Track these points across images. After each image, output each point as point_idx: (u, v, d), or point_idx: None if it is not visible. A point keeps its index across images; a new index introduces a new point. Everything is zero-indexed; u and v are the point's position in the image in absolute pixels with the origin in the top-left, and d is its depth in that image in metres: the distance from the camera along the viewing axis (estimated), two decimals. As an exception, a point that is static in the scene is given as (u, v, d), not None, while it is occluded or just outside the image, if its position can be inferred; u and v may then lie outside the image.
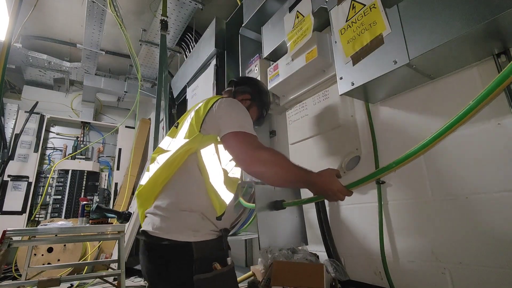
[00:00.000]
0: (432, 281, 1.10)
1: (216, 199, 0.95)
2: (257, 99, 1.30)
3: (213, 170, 0.98)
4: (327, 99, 1.48)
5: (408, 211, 1.21)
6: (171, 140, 1.08)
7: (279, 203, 1.49)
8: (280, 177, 0.95)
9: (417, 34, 0.98)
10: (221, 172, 1.00)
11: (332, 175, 0.99)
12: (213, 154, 0.99)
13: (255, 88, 1.32)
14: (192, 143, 0.97)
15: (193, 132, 0.98)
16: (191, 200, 0.93)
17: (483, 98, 0.65)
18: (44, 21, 3.15)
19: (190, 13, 2.78)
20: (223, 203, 0.96)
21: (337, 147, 1.37)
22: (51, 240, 2.11)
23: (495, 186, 0.98)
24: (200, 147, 0.97)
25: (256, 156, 0.94)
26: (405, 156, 0.84)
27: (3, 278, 2.74)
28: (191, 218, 0.90)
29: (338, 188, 0.96)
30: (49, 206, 3.55)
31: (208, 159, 0.98)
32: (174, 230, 0.88)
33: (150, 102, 4.25)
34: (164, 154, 1.02)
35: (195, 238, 0.87)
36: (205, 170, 0.96)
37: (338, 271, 1.26)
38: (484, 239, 0.99)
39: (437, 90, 1.16)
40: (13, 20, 1.75)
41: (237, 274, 1.62)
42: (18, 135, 3.46)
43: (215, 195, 0.95)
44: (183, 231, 0.88)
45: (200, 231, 0.89)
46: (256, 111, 1.31)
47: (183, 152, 0.96)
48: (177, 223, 0.89)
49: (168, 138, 1.11)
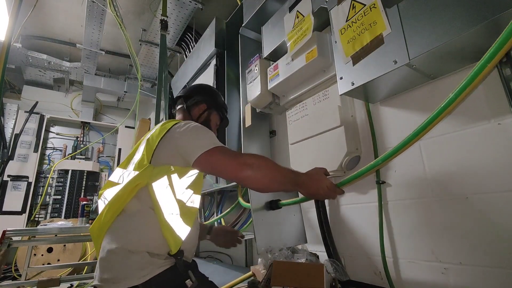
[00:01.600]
0: (432, 281, 1.10)
1: (171, 236, 0.88)
2: (212, 104, 1.29)
3: (168, 204, 0.92)
4: (327, 99, 1.48)
5: (408, 211, 1.21)
6: (123, 172, 1.01)
7: (275, 202, 1.48)
8: (269, 179, 0.92)
9: (417, 34, 0.98)
10: (176, 204, 0.93)
11: (320, 174, 0.96)
12: (166, 187, 0.93)
13: (205, 94, 1.30)
14: (141, 176, 0.91)
15: (143, 164, 0.93)
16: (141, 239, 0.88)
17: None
18: (44, 21, 3.15)
19: (190, 13, 2.78)
20: (178, 239, 0.90)
21: (337, 147, 1.36)
22: (51, 240, 2.12)
23: (495, 186, 0.98)
24: (151, 180, 0.91)
25: (241, 162, 0.91)
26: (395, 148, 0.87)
27: (3, 278, 2.73)
28: (138, 257, 0.84)
29: (328, 185, 0.94)
30: (49, 206, 3.55)
31: (161, 193, 0.91)
32: (120, 277, 0.82)
33: (150, 102, 4.25)
34: (112, 188, 0.96)
35: (143, 278, 0.81)
36: (158, 205, 0.90)
37: (338, 271, 1.26)
38: (484, 239, 0.99)
39: (437, 90, 1.16)
40: (13, 20, 1.75)
41: (237, 274, 1.63)
42: (18, 135, 3.46)
43: (170, 232, 0.88)
44: (129, 275, 0.82)
45: (148, 268, 0.83)
46: (216, 115, 1.31)
47: (132, 186, 0.90)
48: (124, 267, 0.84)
49: (119, 169, 1.04)
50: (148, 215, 0.90)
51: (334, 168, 1.35)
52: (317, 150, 1.47)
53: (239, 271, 1.71)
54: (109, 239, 0.90)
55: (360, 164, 1.41)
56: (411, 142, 0.86)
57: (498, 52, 0.66)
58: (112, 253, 0.86)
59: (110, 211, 0.91)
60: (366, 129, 1.40)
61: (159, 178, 0.92)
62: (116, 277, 0.83)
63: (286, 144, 1.74)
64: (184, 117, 1.27)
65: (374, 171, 0.93)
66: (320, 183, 0.94)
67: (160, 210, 0.89)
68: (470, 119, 1.06)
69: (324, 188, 0.94)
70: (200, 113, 1.27)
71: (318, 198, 0.98)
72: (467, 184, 1.04)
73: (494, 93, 1.00)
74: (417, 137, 0.84)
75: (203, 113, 1.27)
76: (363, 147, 1.41)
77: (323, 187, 0.94)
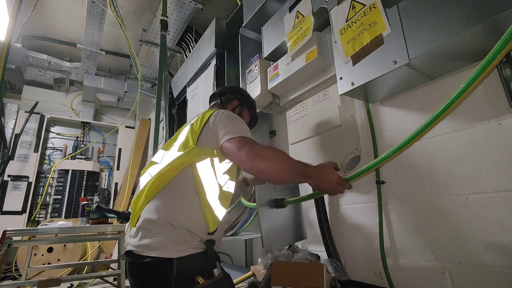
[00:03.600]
0: (432, 281, 1.10)
1: (211, 215, 0.93)
2: (244, 103, 1.37)
3: (209, 185, 0.96)
4: (327, 99, 1.48)
5: (408, 211, 1.21)
6: (164, 154, 1.07)
7: (279, 201, 1.49)
8: (281, 170, 0.95)
9: (417, 34, 0.98)
10: (217, 186, 0.99)
11: (330, 167, 1.00)
12: (208, 168, 0.98)
13: (239, 93, 1.38)
14: (186, 156, 0.96)
15: (188, 145, 0.98)
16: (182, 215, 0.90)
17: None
18: (44, 21, 3.15)
19: (190, 13, 2.78)
20: (216, 219, 0.94)
21: (337, 147, 1.37)
22: (51, 240, 2.12)
23: (495, 186, 0.98)
24: (195, 160, 0.96)
25: (256, 152, 0.94)
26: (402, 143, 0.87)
27: (3, 278, 2.74)
28: (177, 232, 0.87)
29: (336, 179, 0.96)
30: (49, 206, 3.55)
31: (204, 173, 0.96)
32: (157, 246, 0.85)
33: (150, 102, 4.25)
34: (157, 165, 1.02)
35: (178, 253, 0.84)
36: (201, 185, 0.94)
37: (338, 271, 1.26)
38: (484, 239, 0.99)
39: (437, 90, 1.16)
40: (13, 20, 1.75)
41: (237, 274, 1.63)
42: (18, 135, 3.46)
43: (210, 211, 0.93)
44: (166, 246, 0.85)
45: (184, 245, 0.87)
46: (247, 113, 1.38)
47: (177, 165, 0.95)
48: (162, 238, 0.86)
49: (162, 151, 1.10)
50: (190, 193, 0.94)
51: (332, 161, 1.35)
52: (317, 150, 1.47)
53: (239, 271, 1.71)
54: (151, 210, 0.92)
55: (360, 164, 1.41)
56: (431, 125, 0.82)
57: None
58: (153, 222, 0.89)
59: (154, 185, 0.95)
60: (366, 129, 1.40)
61: (203, 159, 0.97)
62: (153, 244, 0.85)
63: (286, 144, 1.74)
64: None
65: (385, 163, 0.94)
66: (329, 176, 0.96)
67: (203, 190, 0.94)
68: (470, 119, 1.06)
69: (332, 181, 0.96)
70: (232, 109, 1.32)
71: (326, 190, 1.00)
72: (467, 184, 1.04)
73: (494, 93, 1.00)
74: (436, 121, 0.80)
75: (235, 108, 1.33)
76: (363, 147, 1.41)
77: (331, 180, 0.96)
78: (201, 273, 0.85)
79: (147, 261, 0.84)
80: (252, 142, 0.98)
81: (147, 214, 0.92)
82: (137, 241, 0.88)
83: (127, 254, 0.91)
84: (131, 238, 0.93)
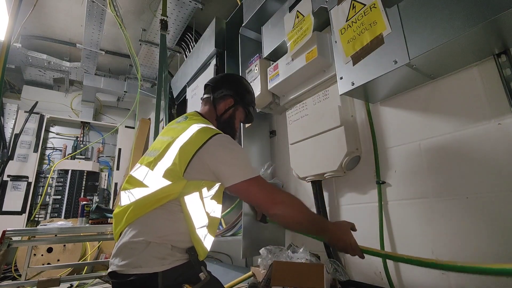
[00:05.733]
0: (432, 281, 1.10)
1: (201, 248, 0.93)
2: (240, 100, 1.22)
3: (199, 217, 0.94)
4: (327, 99, 1.48)
5: (408, 211, 1.21)
6: (147, 172, 0.98)
7: (264, 216, 1.53)
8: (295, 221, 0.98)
9: (417, 34, 0.98)
10: (206, 216, 0.97)
11: (347, 228, 1.00)
12: (198, 200, 0.95)
13: (235, 88, 1.24)
14: (174, 187, 0.91)
15: (176, 176, 0.92)
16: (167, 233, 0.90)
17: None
18: (44, 21, 3.15)
19: (190, 13, 2.77)
20: (206, 249, 0.95)
21: (337, 147, 1.36)
22: (51, 240, 2.12)
23: (495, 186, 0.97)
24: (183, 193, 0.92)
25: (278, 199, 0.97)
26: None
27: (3, 278, 2.73)
28: (161, 248, 0.87)
29: (351, 243, 0.97)
30: (48, 206, 3.55)
31: (193, 206, 0.94)
32: (141, 263, 0.84)
33: (150, 102, 4.25)
34: (141, 189, 0.95)
35: (162, 267, 0.84)
36: (189, 218, 0.92)
37: (338, 271, 1.26)
38: (484, 239, 0.99)
39: (437, 90, 1.16)
40: (13, 20, 1.75)
41: (237, 274, 1.63)
42: (18, 135, 3.45)
43: (199, 244, 0.93)
44: (150, 262, 0.84)
45: (169, 259, 0.86)
46: (242, 112, 1.25)
47: (163, 196, 0.91)
48: (145, 255, 0.86)
49: (144, 168, 1.01)
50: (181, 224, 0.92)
51: (334, 168, 1.35)
52: (317, 150, 1.47)
53: (239, 271, 1.71)
54: (133, 233, 0.90)
55: (360, 164, 1.41)
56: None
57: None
58: (136, 243, 0.88)
59: (136, 211, 0.92)
60: (366, 129, 1.40)
61: (192, 192, 0.94)
62: (136, 262, 0.85)
63: (286, 144, 1.74)
64: (210, 110, 1.22)
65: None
66: (345, 238, 0.98)
67: (191, 223, 0.92)
68: (470, 119, 1.06)
69: (347, 244, 0.97)
70: (225, 109, 1.21)
71: (339, 249, 1.03)
72: (467, 184, 1.04)
73: (494, 93, 1.00)
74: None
75: (229, 109, 1.21)
76: (363, 147, 1.41)
77: (347, 243, 0.97)
78: (187, 280, 0.85)
79: (131, 279, 0.83)
80: (268, 185, 1.00)
81: (129, 237, 0.90)
82: (120, 261, 0.87)
83: (110, 275, 0.89)
84: (113, 259, 0.91)
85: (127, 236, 0.91)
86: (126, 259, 0.87)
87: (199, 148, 0.94)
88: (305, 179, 1.55)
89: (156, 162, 0.97)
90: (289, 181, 1.82)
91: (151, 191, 0.93)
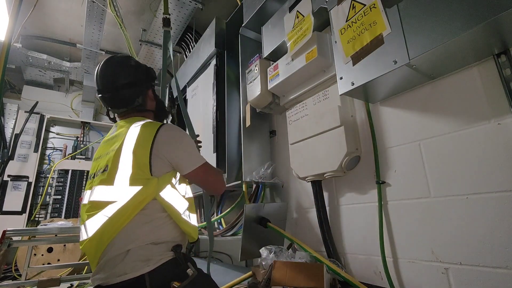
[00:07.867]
0: (432, 281, 1.10)
1: (190, 228, 0.99)
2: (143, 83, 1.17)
3: (179, 204, 0.99)
4: (327, 99, 1.48)
5: (408, 211, 1.21)
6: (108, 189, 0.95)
7: (265, 221, 1.59)
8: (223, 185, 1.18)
9: (417, 34, 0.98)
10: (184, 200, 1.03)
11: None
12: (173, 191, 1.00)
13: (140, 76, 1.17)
14: (147, 189, 0.91)
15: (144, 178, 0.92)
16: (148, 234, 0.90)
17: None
18: (44, 21, 3.15)
19: (190, 13, 2.77)
20: (195, 227, 1.02)
21: (337, 147, 1.36)
22: (51, 240, 2.12)
23: (495, 186, 0.98)
24: (158, 190, 0.94)
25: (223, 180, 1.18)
26: None
27: (3, 278, 2.73)
28: (144, 250, 0.87)
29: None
30: (49, 206, 3.55)
31: (171, 197, 0.97)
32: (126, 270, 0.84)
33: (150, 102, 4.24)
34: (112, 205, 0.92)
35: (148, 268, 0.84)
36: (172, 209, 0.96)
37: (338, 271, 1.26)
38: (484, 239, 0.99)
39: (437, 90, 1.16)
40: (13, 20, 1.75)
41: (237, 274, 1.63)
42: (18, 135, 3.45)
43: (188, 225, 0.98)
44: (135, 267, 0.84)
45: (153, 259, 0.86)
46: (151, 90, 1.23)
47: (139, 201, 0.90)
48: (129, 261, 0.85)
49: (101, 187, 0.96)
50: (163, 221, 0.95)
51: (334, 168, 1.35)
52: (317, 150, 1.47)
53: (239, 271, 1.71)
54: (115, 247, 0.88)
55: (360, 164, 1.41)
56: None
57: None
58: (119, 255, 0.88)
59: (114, 226, 0.89)
60: (366, 129, 1.40)
61: (165, 186, 0.97)
62: (120, 271, 0.85)
63: (286, 144, 1.74)
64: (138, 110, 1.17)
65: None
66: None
67: (176, 212, 0.96)
68: (470, 119, 1.06)
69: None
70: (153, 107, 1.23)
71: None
72: (467, 184, 1.04)
73: (494, 93, 1.00)
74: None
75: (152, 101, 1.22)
76: (363, 147, 1.41)
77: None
78: (175, 278, 0.86)
79: (118, 284, 0.83)
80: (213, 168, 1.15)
81: (112, 252, 0.88)
82: (103, 274, 0.87)
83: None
84: (96, 275, 0.89)
85: (110, 252, 0.89)
86: (109, 271, 0.86)
87: (151, 146, 0.96)
88: (305, 179, 1.55)
89: (113, 176, 0.94)
90: (289, 181, 1.82)
91: (122, 203, 0.90)
